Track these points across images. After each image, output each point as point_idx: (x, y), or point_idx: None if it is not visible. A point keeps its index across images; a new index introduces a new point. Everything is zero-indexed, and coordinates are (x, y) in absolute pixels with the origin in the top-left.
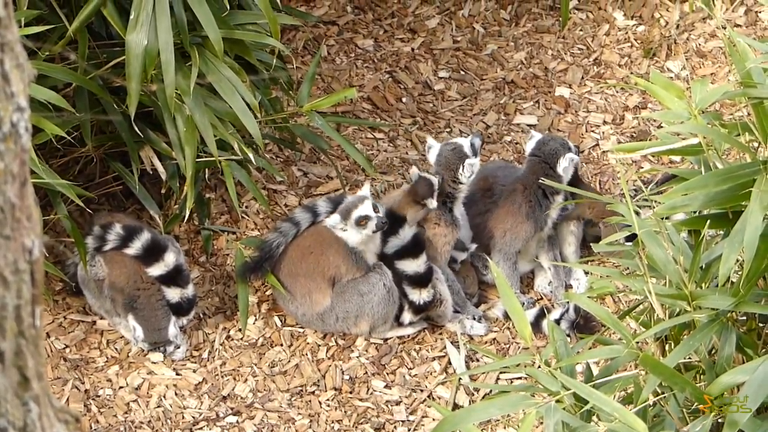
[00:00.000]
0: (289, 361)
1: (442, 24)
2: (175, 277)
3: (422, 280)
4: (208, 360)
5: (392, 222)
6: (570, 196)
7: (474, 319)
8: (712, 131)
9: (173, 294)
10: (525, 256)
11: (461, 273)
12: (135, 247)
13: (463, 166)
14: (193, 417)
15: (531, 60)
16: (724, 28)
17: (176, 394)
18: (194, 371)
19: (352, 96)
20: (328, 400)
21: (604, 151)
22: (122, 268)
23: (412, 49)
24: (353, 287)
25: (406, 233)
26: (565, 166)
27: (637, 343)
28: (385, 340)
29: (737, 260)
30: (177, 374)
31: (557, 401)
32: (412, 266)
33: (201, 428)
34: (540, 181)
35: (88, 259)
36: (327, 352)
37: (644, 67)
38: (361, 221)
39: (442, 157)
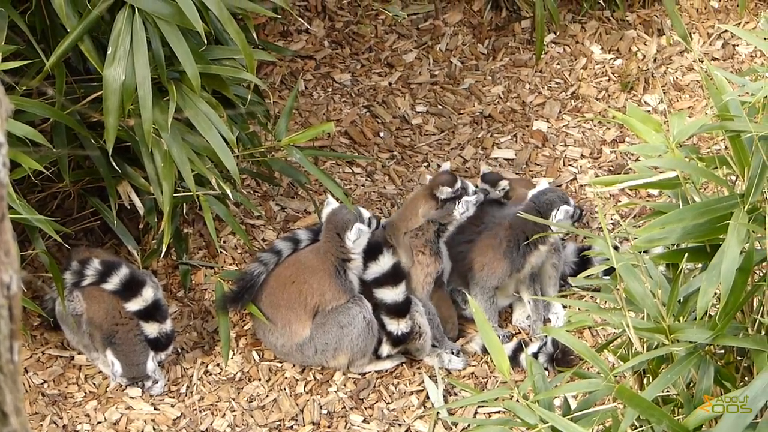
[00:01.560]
0: (267, 396)
1: (419, 58)
2: (153, 313)
3: (400, 309)
4: (186, 395)
5: (372, 249)
6: (560, 247)
7: (452, 353)
8: (689, 165)
9: (151, 329)
10: (504, 291)
11: (442, 314)
12: (113, 283)
13: (460, 203)
14: None
15: (508, 94)
16: (702, 62)
17: (154, 429)
18: (172, 406)
19: (329, 130)
20: None
21: (581, 185)
22: (100, 304)
23: (390, 84)
24: (333, 319)
25: (386, 261)
26: (559, 218)
27: (615, 376)
28: (363, 374)
29: (715, 293)
30: (155, 409)
31: None
32: (390, 295)
33: None
34: (518, 215)
35: (66, 295)
36: (305, 386)
37: (622, 100)
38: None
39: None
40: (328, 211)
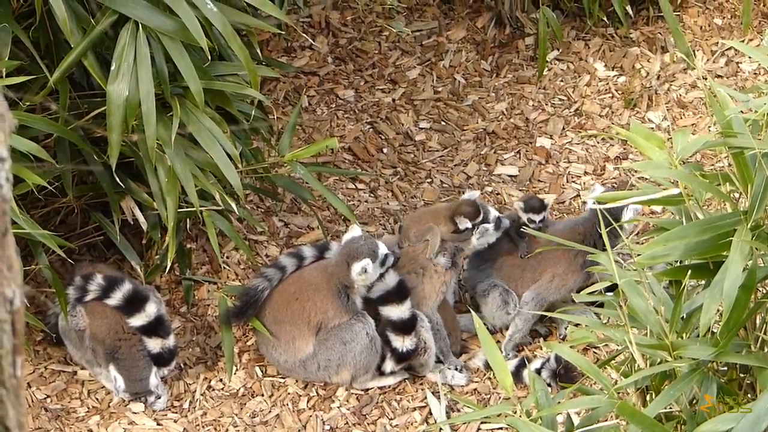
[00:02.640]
0: (270, 411)
1: (422, 75)
2: (156, 328)
3: (406, 326)
4: (189, 410)
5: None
6: None
7: (455, 369)
8: (692, 179)
9: (154, 344)
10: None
11: (446, 327)
12: (116, 298)
13: (478, 230)
14: None
15: (512, 111)
16: (705, 79)
17: None
18: (175, 421)
19: (333, 146)
20: None
21: (584, 202)
22: (103, 319)
23: (393, 100)
24: (336, 335)
25: (391, 278)
26: (629, 216)
27: (618, 392)
28: (366, 390)
29: (718, 310)
30: (158, 424)
31: None
32: (396, 312)
33: None
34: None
35: (68, 310)
36: (308, 402)
37: (625, 117)
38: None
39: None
40: (348, 237)
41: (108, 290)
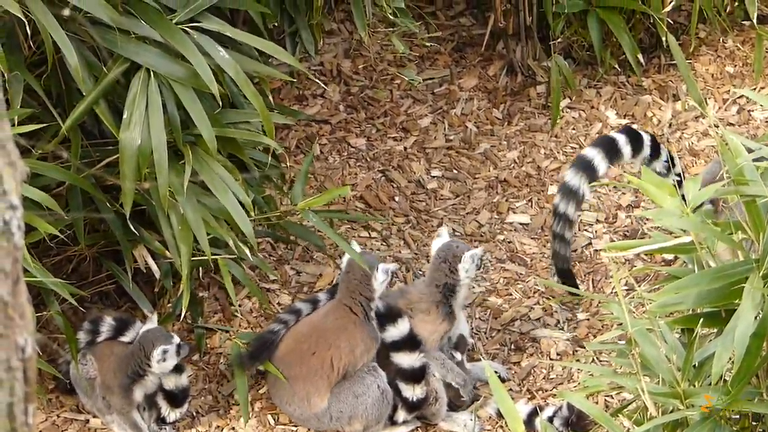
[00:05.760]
0: None
1: (434, 123)
2: None
3: (416, 375)
4: None
5: (390, 312)
6: None
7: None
8: (704, 227)
9: (168, 381)
10: None
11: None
12: (129, 336)
13: (464, 258)
14: None
15: (524, 159)
16: (717, 127)
17: None
18: None
19: (345, 194)
20: None
21: (596, 250)
22: (111, 365)
23: (405, 148)
24: (348, 389)
25: (405, 325)
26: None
27: None
28: None
29: (730, 358)
30: None
31: None
32: (407, 360)
33: None
34: None
35: (79, 358)
36: None
37: (637, 165)
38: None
39: (442, 250)
40: (346, 264)
41: (120, 330)
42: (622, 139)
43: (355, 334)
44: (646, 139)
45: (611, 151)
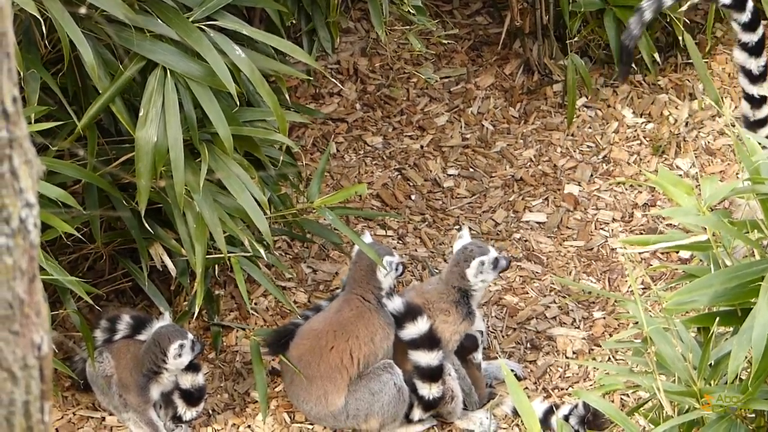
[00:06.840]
0: None
1: (451, 121)
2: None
3: (433, 374)
4: None
5: (410, 310)
6: None
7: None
8: (721, 224)
9: (185, 380)
10: None
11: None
12: (146, 334)
13: (471, 265)
14: None
15: (540, 157)
16: (734, 126)
17: None
18: None
19: (362, 192)
20: None
21: (613, 249)
22: (128, 363)
23: (421, 147)
24: (365, 386)
25: (424, 324)
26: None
27: None
28: None
29: (746, 357)
30: None
31: None
32: (425, 359)
33: None
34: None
35: (95, 356)
36: None
37: (653, 164)
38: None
39: (457, 253)
40: (354, 255)
41: (138, 328)
42: None
43: (372, 320)
44: None
45: None
